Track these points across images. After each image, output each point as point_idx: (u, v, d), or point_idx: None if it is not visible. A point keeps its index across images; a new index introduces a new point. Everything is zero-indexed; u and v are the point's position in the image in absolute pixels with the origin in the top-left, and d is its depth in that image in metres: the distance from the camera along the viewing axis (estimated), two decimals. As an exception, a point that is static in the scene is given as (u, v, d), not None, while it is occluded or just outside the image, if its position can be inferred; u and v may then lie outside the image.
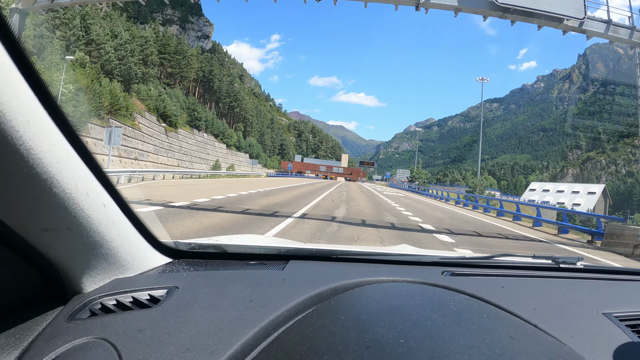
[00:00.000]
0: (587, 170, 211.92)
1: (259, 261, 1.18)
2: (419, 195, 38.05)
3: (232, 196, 15.37)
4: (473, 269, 1.16)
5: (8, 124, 0.53)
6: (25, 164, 0.58)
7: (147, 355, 0.65)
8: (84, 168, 0.73)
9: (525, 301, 0.88)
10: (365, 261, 1.18)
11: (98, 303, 0.83)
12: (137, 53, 65.77)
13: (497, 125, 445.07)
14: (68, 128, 0.66)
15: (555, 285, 1.06)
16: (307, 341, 0.62)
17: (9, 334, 0.73)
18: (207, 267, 1.10)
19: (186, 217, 8.44)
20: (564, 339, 0.58)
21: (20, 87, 0.55)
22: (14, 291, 0.80)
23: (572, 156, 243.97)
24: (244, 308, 0.79)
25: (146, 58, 70.30)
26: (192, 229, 7.12)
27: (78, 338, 0.70)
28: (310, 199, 17.80)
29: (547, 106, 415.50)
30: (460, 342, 0.53)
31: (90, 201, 0.74)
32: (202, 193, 15.63)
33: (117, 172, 20.37)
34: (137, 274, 0.98)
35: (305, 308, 0.81)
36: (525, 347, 0.53)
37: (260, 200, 14.62)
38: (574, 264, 1.21)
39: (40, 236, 0.71)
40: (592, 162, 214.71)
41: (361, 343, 0.56)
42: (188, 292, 0.86)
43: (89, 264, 0.84)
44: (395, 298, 0.74)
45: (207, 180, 29.35)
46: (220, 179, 33.64)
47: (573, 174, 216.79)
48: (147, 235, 1.03)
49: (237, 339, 0.69)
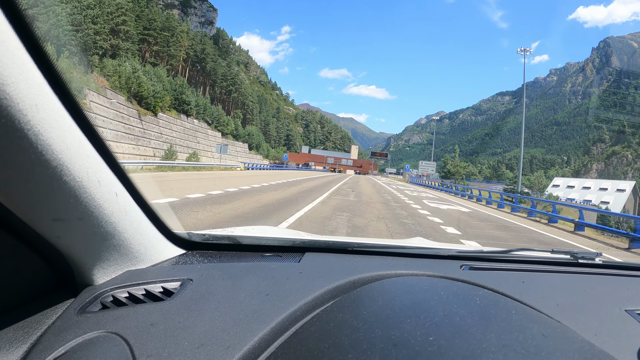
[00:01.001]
0: (612, 166, 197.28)
1: (274, 253, 1.15)
2: (466, 200, 26.41)
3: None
4: (491, 263, 1.12)
5: (15, 107, 0.50)
6: (34, 151, 0.55)
7: (160, 350, 0.62)
8: (96, 155, 0.69)
9: (547, 297, 0.86)
10: (382, 254, 1.14)
11: (109, 296, 0.80)
12: (103, 21, 53.72)
13: (510, 118, 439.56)
14: (79, 113, 0.63)
15: (575, 281, 1.02)
16: (328, 337, 0.58)
17: (17, 328, 0.70)
18: (221, 259, 1.06)
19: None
20: (588, 337, 0.55)
21: (28, 68, 0.53)
22: (23, 283, 0.77)
23: (596, 150, 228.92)
24: (260, 301, 0.76)
25: (116, 28, 57.97)
26: None
27: (89, 332, 0.68)
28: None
29: (560, 100, 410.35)
30: (492, 340, 0.50)
31: (102, 190, 0.71)
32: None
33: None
34: (150, 265, 0.95)
35: (324, 302, 0.78)
36: (559, 346, 0.50)
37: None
38: (593, 260, 1.17)
39: (50, 226, 0.68)
40: (617, 157, 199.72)
41: (388, 340, 0.53)
42: (202, 285, 0.83)
43: (100, 255, 0.81)
44: (419, 292, 0.71)
45: (142, 174, 17.71)
46: (161, 173, 21.15)
47: (598, 169, 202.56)
48: (160, 226, 0.99)
49: (254, 334, 0.66)
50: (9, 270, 0.72)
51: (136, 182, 0.85)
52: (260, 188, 15.24)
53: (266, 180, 21.48)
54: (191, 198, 9.46)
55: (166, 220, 1.01)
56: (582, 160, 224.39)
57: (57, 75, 0.58)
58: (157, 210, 0.96)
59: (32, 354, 0.65)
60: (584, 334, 0.57)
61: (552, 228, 14.62)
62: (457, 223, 10.79)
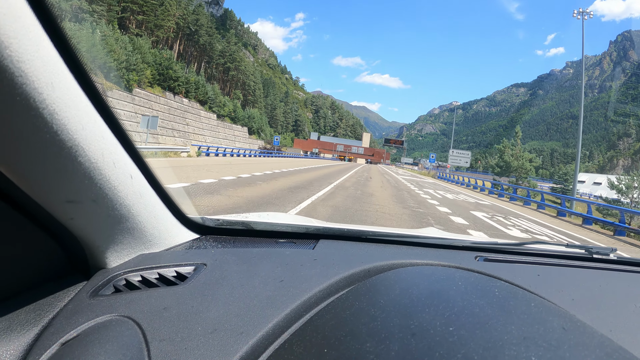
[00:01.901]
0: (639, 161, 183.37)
1: (288, 239, 1.13)
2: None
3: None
4: (505, 255, 1.10)
5: (30, 85, 0.48)
6: (48, 130, 0.53)
7: (173, 335, 0.61)
8: (111, 136, 0.68)
9: (563, 291, 0.85)
10: (396, 243, 1.13)
11: (122, 279, 0.79)
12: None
13: (525, 110, 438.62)
14: (95, 93, 0.61)
15: (589, 276, 1.01)
16: (345, 325, 0.57)
17: (29, 310, 0.69)
18: (235, 244, 1.05)
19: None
20: (603, 333, 0.53)
21: (44, 46, 0.51)
22: (36, 266, 0.75)
23: (622, 145, 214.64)
24: (274, 288, 0.75)
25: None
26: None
27: (101, 315, 0.67)
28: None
29: (576, 93, 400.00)
30: (513, 332, 0.49)
31: (117, 172, 0.70)
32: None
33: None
34: (163, 249, 0.94)
35: (339, 289, 0.77)
36: (580, 340, 0.48)
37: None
38: (607, 255, 1.15)
39: (63, 208, 0.67)
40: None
41: (406, 330, 0.51)
42: (216, 270, 0.82)
43: (113, 238, 0.80)
44: (436, 282, 0.69)
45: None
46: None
47: (624, 165, 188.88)
48: (174, 210, 0.98)
49: (268, 320, 0.65)
50: (22, 252, 0.71)
51: (151, 165, 0.83)
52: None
53: (205, 176, 11.64)
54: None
55: (180, 204, 0.99)
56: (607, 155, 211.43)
57: (73, 53, 0.56)
58: (171, 194, 0.94)
59: (44, 337, 0.64)
60: (599, 329, 0.54)
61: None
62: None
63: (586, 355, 0.45)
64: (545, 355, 0.44)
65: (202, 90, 71.16)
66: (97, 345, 0.59)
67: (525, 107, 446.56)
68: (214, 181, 10.58)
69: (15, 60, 0.46)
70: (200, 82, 72.15)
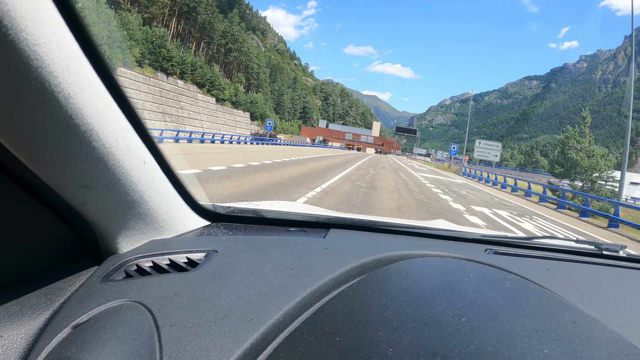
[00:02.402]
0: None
1: (299, 228, 1.13)
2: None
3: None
4: (515, 249, 1.10)
5: (46, 68, 0.48)
6: (63, 114, 0.53)
7: (184, 320, 0.61)
8: (125, 122, 0.67)
9: (572, 286, 0.84)
10: (406, 233, 1.12)
11: (134, 264, 0.79)
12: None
13: (537, 103, 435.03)
14: (109, 77, 0.61)
15: (599, 272, 1.00)
16: (356, 314, 0.56)
17: (41, 294, 0.69)
18: (246, 232, 1.04)
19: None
20: (613, 328, 0.53)
21: (60, 29, 0.50)
22: (48, 250, 0.75)
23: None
24: (285, 275, 0.75)
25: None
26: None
27: (112, 300, 0.67)
28: None
29: (589, 87, 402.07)
30: (525, 324, 0.49)
31: (131, 157, 0.70)
32: None
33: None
34: (175, 235, 0.94)
35: (349, 278, 0.76)
36: (591, 334, 0.48)
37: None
38: (617, 252, 1.14)
39: (76, 193, 0.66)
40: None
41: (419, 320, 0.51)
42: (227, 257, 0.82)
43: (125, 224, 0.80)
44: (447, 273, 0.69)
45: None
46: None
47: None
48: (186, 197, 0.98)
49: (279, 308, 0.64)
50: (35, 236, 0.71)
51: (164, 151, 0.82)
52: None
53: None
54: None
55: (192, 191, 0.99)
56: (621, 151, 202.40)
57: (89, 37, 0.55)
58: (183, 180, 0.93)
59: (55, 320, 0.64)
60: (608, 325, 0.54)
61: None
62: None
63: (598, 350, 0.44)
64: (558, 348, 0.43)
65: (199, 71, 65.30)
66: (107, 329, 0.59)
67: (537, 100, 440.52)
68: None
69: (31, 43, 0.45)
70: (197, 63, 66.18)
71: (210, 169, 9.94)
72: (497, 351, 0.43)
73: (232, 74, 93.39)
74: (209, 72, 69.53)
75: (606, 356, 0.43)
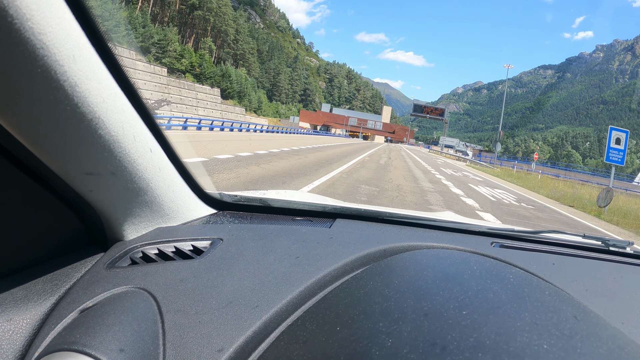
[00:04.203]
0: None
1: (305, 217, 1.11)
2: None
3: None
4: (521, 242, 1.08)
5: (52, 57, 0.47)
6: (69, 102, 0.52)
7: (188, 307, 0.61)
8: (132, 110, 0.66)
9: (577, 281, 0.83)
10: (413, 225, 1.10)
11: (139, 251, 0.79)
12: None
13: (552, 93, 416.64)
14: (116, 65, 0.60)
15: (605, 268, 0.98)
16: (358, 304, 0.55)
17: (47, 280, 0.68)
18: (252, 220, 1.03)
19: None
20: (615, 325, 0.52)
21: (66, 18, 0.49)
22: (55, 236, 0.75)
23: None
24: (290, 264, 0.74)
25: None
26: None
27: (117, 286, 0.66)
28: None
29: (606, 77, 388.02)
30: (526, 318, 0.47)
31: (137, 145, 0.69)
32: None
33: None
34: (181, 223, 0.93)
35: (354, 269, 0.75)
36: (592, 330, 0.47)
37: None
38: (624, 248, 1.11)
39: (83, 180, 0.66)
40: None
41: (419, 311, 0.50)
42: (232, 245, 0.81)
43: (131, 211, 0.80)
44: (451, 265, 0.67)
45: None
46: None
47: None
48: (192, 185, 0.97)
49: (283, 296, 0.63)
50: (41, 222, 0.70)
51: (171, 139, 0.82)
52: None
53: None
54: None
55: (198, 179, 0.98)
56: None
57: (94, 26, 0.54)
58: (189, 168, 0.93)
59: (60, 306, 0.64)
60: (611, 321, 0.53)
61: None
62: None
63: (598, 346, 0.43)
64: (557, 344, 0.43)
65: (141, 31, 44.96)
66: (112, 315, 0.59)
67: (552, 89, 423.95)
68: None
69: (37, 32, 0.45)
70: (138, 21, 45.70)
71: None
72: (496, 345, 0.42)
73: (198, 40, 72.10)
74: (158, 34, 49.18)
75: (606, 353, 0.43)
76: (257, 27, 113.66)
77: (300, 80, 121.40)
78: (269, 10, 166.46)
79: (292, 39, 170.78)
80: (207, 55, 64.05)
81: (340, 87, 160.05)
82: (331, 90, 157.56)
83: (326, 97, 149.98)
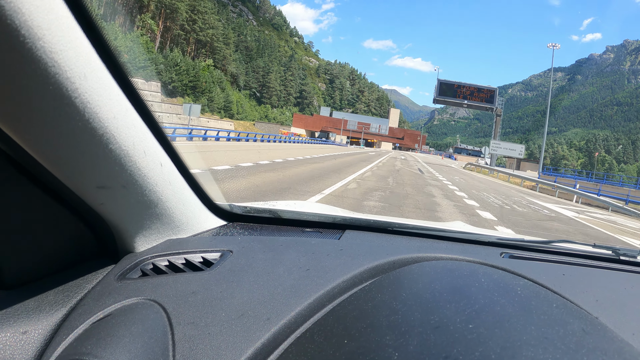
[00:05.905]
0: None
1: (315, 229, 1.09)
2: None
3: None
4: (531, 252, 1.05)
5: (63, 75, 0.48)
6: (81, 119, 0.53)
7: (197, 319, 0.60)
8: (142, 125, 0.67)
9: (587, 292, 0.80)
10: (422, 236, 1.08)
11: (150, 263, 0.78)
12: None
13: (563, 95, 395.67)
14: (126, 82, 0.60)
15: (616, 278, 0.96)
16: (366, 317, 0.55)
17: (58, 291, 0.68)
18: (261, 232, 1.01)
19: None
20: (626, 337, 0.51)
21: (77, 37, 0.49)
22: (66, 248, 0.75)
23: None
24: (299, 276, 0.73)
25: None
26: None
27: (128, 298, 0.66)
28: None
29: (618, 78, 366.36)
30: (532, 332, 0.46)
31: (148, 160, 0.69)
32: None
33: None
34: (191, 235, 0.92)
35: (362, 280, 0.74)
36: (599, 344, 0.46)
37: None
38: (635, 258, 1.07)
39: (94, 193, 0.66)
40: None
41: (427, 325, 0.49)
42: (242, 257, 0.80)
43: (142, 223, 0.79)
44: (459, 278, 0.66)
45: None
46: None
47: None
48: (202, 197, 0.96)
49: (291, 309, 0.63)
50: (53, 235, 0.70)
51: (181, 153, 0.82)
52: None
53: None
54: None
55: (208, 190, 0.97)
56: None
57: (105, 44, 0.55)
58: (199, 181, 0.92)
59: (72, 317, 0.63)
60: (621, 333, 0.52)
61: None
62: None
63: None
64: (562, 358, 0.42)
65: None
66: (122, 327, 0.58)
67: (563, 92, 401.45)
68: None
69: (49, 51, 0.45)
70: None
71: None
72: (501, 359, 0.41)
73: (132, 17, 55.10)
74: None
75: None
76: (248, 24, 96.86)
77: (295, 81, 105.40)
78: (264, 6, 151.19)
79: (289, 37, 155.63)
80: (146, 39, 47.96)
81: (342, 88, 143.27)
82: (332, 92, 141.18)
83: (326, 99, 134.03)
